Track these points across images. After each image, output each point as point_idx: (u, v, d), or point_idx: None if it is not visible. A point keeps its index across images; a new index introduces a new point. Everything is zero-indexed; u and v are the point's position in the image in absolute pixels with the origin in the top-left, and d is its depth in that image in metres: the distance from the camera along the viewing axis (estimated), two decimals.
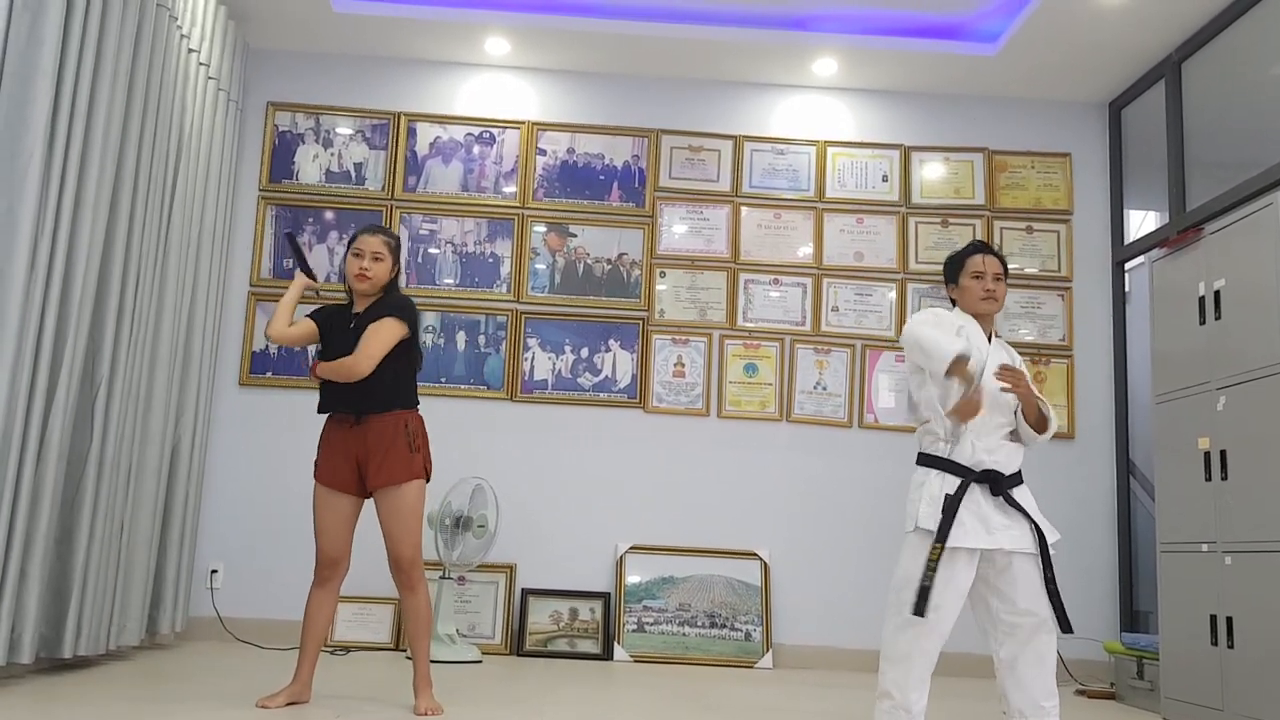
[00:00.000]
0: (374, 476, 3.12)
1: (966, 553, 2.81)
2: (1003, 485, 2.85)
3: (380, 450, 3.11)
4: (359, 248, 3.21)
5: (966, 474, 2.84)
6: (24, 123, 3.15)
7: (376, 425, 3.13)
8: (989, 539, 2.80)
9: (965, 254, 3.05)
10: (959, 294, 3.04)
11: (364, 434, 3.12)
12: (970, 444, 2.86)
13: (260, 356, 5.06)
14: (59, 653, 3.51)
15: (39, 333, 3.27)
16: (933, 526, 2.79)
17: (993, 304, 2.99)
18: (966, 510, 2.81)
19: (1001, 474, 2.85)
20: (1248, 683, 3.48)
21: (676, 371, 5.17)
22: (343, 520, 3.16)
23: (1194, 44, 4.70)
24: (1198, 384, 3.89)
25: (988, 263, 3.00)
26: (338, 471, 3.14)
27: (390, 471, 3.11)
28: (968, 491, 2.83)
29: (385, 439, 3.12)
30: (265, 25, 5.09)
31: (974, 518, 2.81)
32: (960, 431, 2.87)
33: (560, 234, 5.27)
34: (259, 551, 4.88)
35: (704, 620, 4.87)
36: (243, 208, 5.17)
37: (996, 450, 2.87)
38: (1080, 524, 5.03)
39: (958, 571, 2.80)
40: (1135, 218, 5.40)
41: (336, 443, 3.16)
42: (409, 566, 3.13)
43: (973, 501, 2.83)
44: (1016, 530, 2.82)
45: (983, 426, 2.89)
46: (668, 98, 5.42)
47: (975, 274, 3.00)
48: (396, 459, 3.12)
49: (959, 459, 2.87)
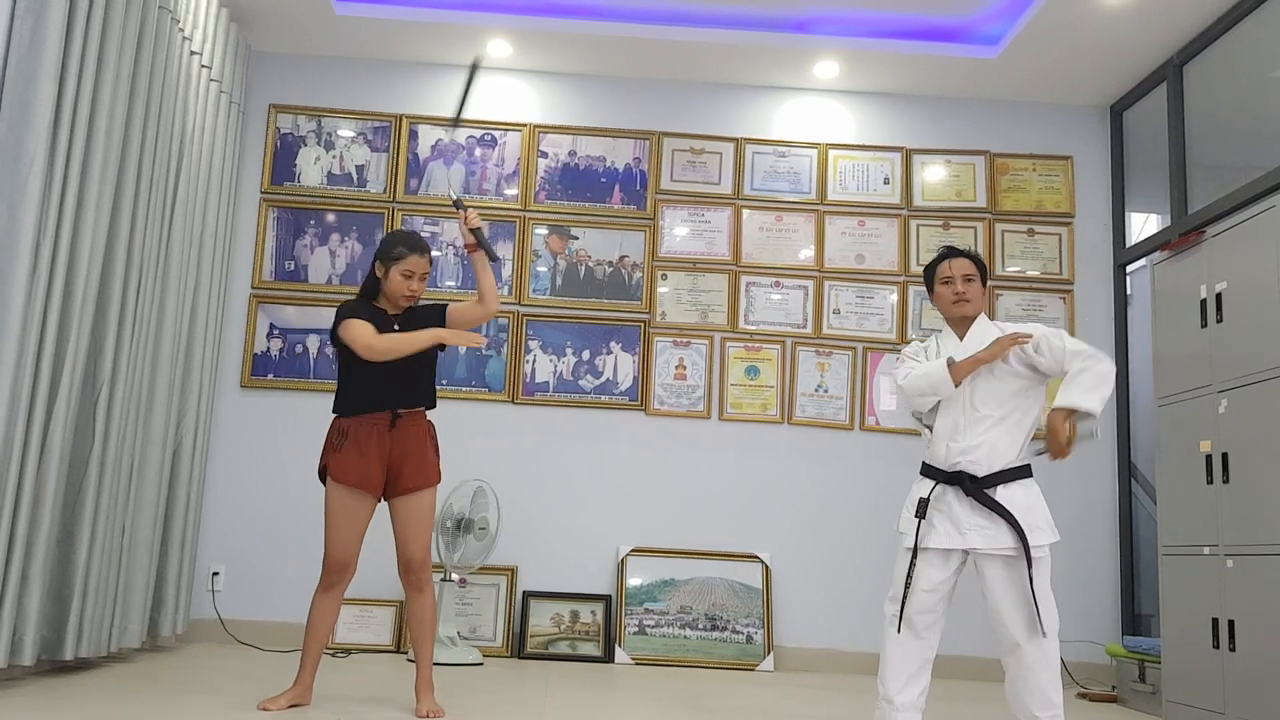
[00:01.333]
0: (410, 478, 3.11)
1: (940, 553, 2.84)
2: (978, 485, 2.83)
3: (416, 453, 3.13)
4: (410, 269, 3.14)
5: (937, 475, 2.88)
6: (26, 125, 3.15)
7: (410, 428, 3.14)
8: (960, 539, 2.82)
9: (934, 262, 3.08)
10: (936, 302, 3.07)
11: (401, 436, 3.12)
12: (945, 445, 2.88)
13: (261, 359, 5.07)
14: (60, 655, 3.51)
15: (41, 335, 3.27)
16: (908, 530, 2.84)
17: (964, 305, 2.99)
18: (936, 512, 2.85)
19: (974, 474, 2.84)
20: (1249, 686, 3.47)
21: (678, 374, 5.17)
22: (359, 525, 3.14)
23: (1195, 47, 4.70)
24: (1199, 387, 3.89)
25: (954, 266, 3.01)
26: (370, 474, 3.09)
27: (426, 474, 3.14)
28: (940, 494, 2.85)
29: (419, 441, 3.15)
30: (267, 28, 5.09)
31: (944, 519, 2.84)
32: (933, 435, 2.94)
33: (562, 236, 5.27)
34: (260, 554, 4.88)
35: (705, 623, 4.87)
36: (244, 210, 5.18)
37: (974, 450, 2.85)
38: (1082, 527, 5.03)
39: (930, 572, 2.84)
40: (1137, 220, 5.40)
41: (371, 445, 3.10)
42: (419, 568, 3.14)
43: (944, 503, 2.85)
44: (992, 530, 2.80)
45: (956, 425, 2.88)
46: (669, 100, 5.42)
47: (944, 279, 3.02)
48: (429, 462, 3.16)
49: (932, 461, 2.92)
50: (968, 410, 2.88)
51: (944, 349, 2.98)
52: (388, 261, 3.17)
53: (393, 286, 3.17)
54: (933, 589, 2.83)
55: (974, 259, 3.04)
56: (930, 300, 3.12)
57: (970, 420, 2.88)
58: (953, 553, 2.83)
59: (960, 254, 3.03)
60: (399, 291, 3.17)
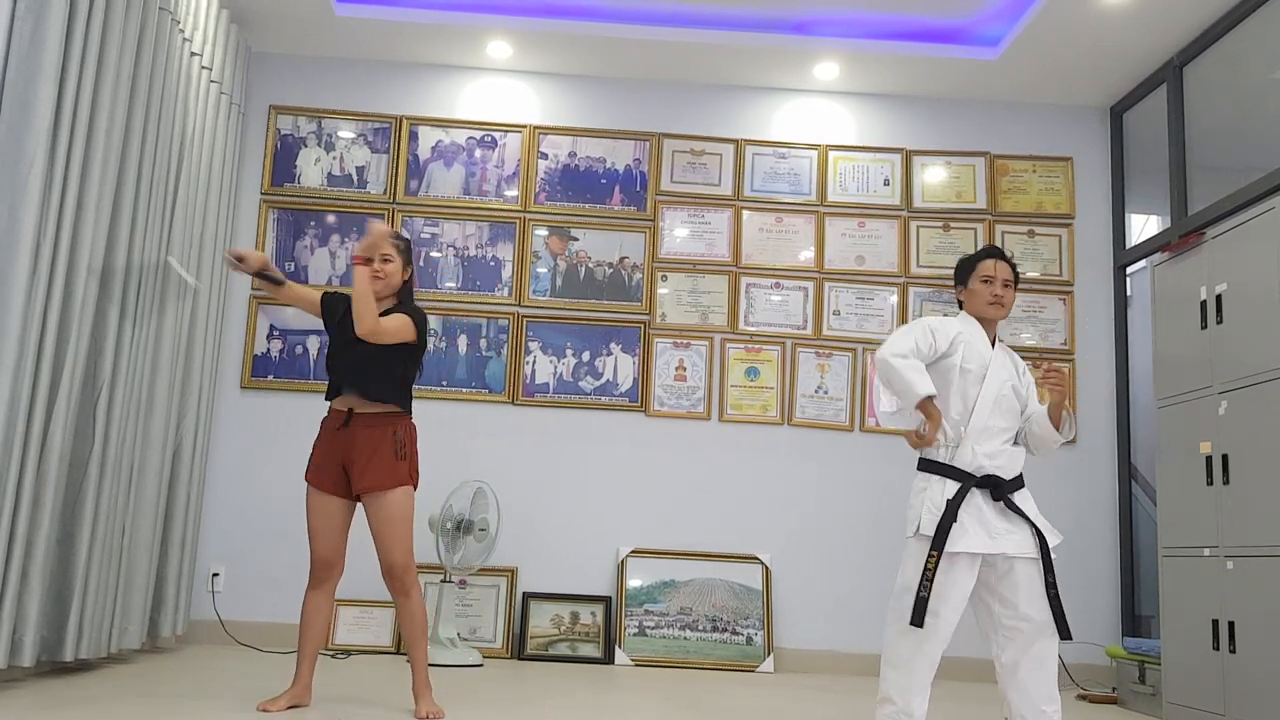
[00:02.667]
0: (358, 480, 3.11)
1: (968, 557, 2.82)
2: (1004, 490, 2.86)
3: (365, 454, 3.10)
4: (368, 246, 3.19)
5: (967, 479, 2.85)
6: (27, 125, 3.15)
7: (364, 429, 3.12)
8: (991, 544, 2.81)
9: (978, 257, 3.08)
10: (967, 296, 3.06)
11: (351, 436, 3.11)
12: (971, 449, 2.88)
13: (261, 360, 5.07)
14: (60, 656, 3.51)
15: (41, 336, 3.27)
16: (933, 532, 2.80)
17: (999, 310, 3.02)
18: (967, 515, 2.83)
19: (1002, 479, 2.87)
20: (1249, 687, 3.47)
21: (678, 375, 5.17)
22: (333, 522, 3.15)
23: (1195, 48, 4.70)
24: (1199, 388, 3.89)
25: (999, 268, 3.02)
26: (325, 472, 3.14)
27: (374, 476, 3.09)
28: (969, 496, 2.84)
29: (371, 443, 3.10)
30: (267, 29, 5.09)
31: (975, 522, 2.83)
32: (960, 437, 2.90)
33: (562, 237, 5.27)
34: (260, 555, 4.88)
35: (705, 624, 4.87)
36: (244, 211, 5.18)
37: (998, 455, 2.89)
38: (1082, 528, 5.03)
39: (959, 576, 2.80)
40: (1137, 222, 5.40)
41: (325, 444, 3.16)
42: (400, 573, 3.12)
43: (973, 506, 2.85)
44: (1019, 535, 2.84)
45: (984, 432, 2.90)
46: (669, 101, 5.43)
47: (985, 278, 3.02)
48: (381, 464, 3.10)
49: (959, 464, 2.88)
50: (993, 419, 2.91)
51: (971, 344, 2.96)
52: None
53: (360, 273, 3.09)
54: (962, 600, 2.81)
55: (1014, 267, 3.07)
56: (957, 291, 3.11)
57: (994, 431, 2.92)
58: (976, 557, 2.83)
59: (1005, 258, 3.06)
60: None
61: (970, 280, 3.05)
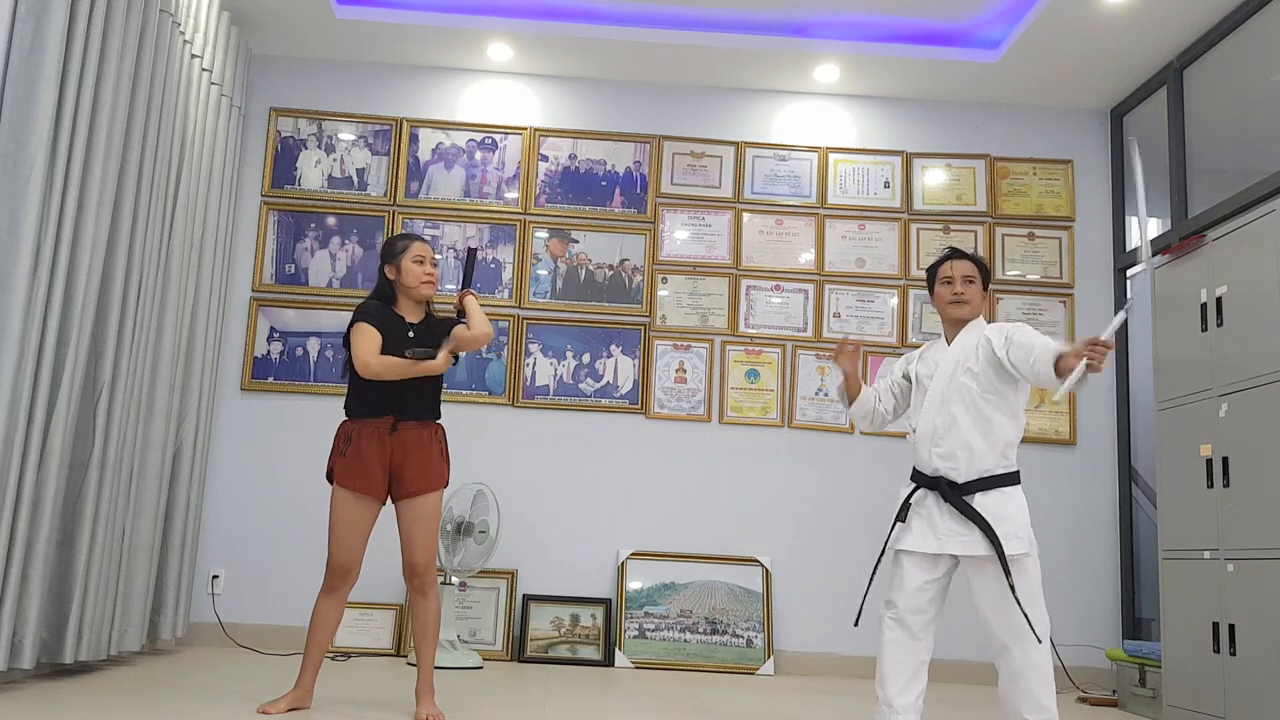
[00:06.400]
0: (412, 482, 3.11)
1: (919, 556, 2.89)
2: (957, 491, 2.85)
3: (420, 457, 3.13)
4: (420, 254, 3.19)
5: (920, 479, 2.93)
6: (28, 127, 3.15)
7: (415, 432, 3.14)
8: (936, 544, 2.86)
9: (936, 263, 3.11)
10: (935, 302, 3.11)
11: (402, 440, 3.12)
12: (927, 451, 2.92)
13: (262, 362, 5.07)
14: (60, 658, 3.50)
15: (41, 338, 3.27)
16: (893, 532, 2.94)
17: (962, 308, 3.01)
18: (917, 515, 2.90)
19: (953, 481, 2.86)
20: (1250, 690, 3.47)
21: (678, 377, 5.17)
22: (363, 530, 3.14)
23: (1196, 51, 4.70)
24: (1200, 391, 3.89)
25: (955, 267, 3.04)
26: (371, 478, 3.09)
27: (430, 478, 3.14)
28: (923, 497, 2.90)
29: (424, 445, 3.15)
30: (268, 31, 5.10)
31: (924, 523, 2.89)
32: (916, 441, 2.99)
33: (562, 240, 5.27)
34: (260, 557, 4.88)
35: (705, 626, 4.87)
36: (245, 213, 5.18)
37: (954, 456, 2.87)
38: (1082, 531, 5.03)
39: (907, 575, 2.89)
40: (1137, 224, 5.39)
41: (372, 449, 3.11)
42: (424, 571, 3.13)
43: (924, 507, 2.91)
44: (968, 537, 2.82)
45: (934, 432, 2.92)
46: (670, 104, 5.43)
47: (945, 279, 3.05)
48: (433, 466, 3.15)
49: (918, 466, 2.96)
50: (944, 414, 2.90)
51: (925, 356, 3.08)
52: (395, 257, 3.20)
53: (408, 278, 3.19)
54: (920, 589, 2.87)
55: (977, 261, 3.06)
56: (931, 301, 3.14)
57: (948, 424, 2.89)
58: (929, 557, 2.87)
59: (963, 256, 3.06)
60: (416, 278, 3.19)
61: (935, 286, 3.09)
